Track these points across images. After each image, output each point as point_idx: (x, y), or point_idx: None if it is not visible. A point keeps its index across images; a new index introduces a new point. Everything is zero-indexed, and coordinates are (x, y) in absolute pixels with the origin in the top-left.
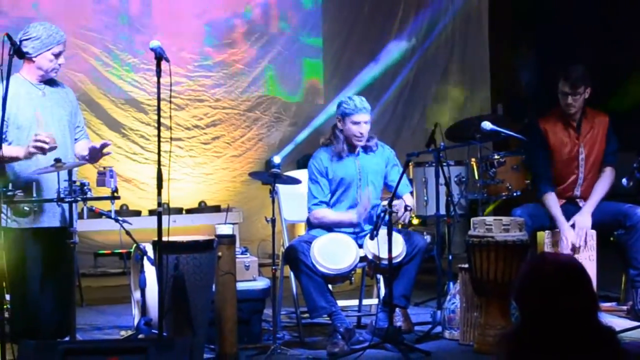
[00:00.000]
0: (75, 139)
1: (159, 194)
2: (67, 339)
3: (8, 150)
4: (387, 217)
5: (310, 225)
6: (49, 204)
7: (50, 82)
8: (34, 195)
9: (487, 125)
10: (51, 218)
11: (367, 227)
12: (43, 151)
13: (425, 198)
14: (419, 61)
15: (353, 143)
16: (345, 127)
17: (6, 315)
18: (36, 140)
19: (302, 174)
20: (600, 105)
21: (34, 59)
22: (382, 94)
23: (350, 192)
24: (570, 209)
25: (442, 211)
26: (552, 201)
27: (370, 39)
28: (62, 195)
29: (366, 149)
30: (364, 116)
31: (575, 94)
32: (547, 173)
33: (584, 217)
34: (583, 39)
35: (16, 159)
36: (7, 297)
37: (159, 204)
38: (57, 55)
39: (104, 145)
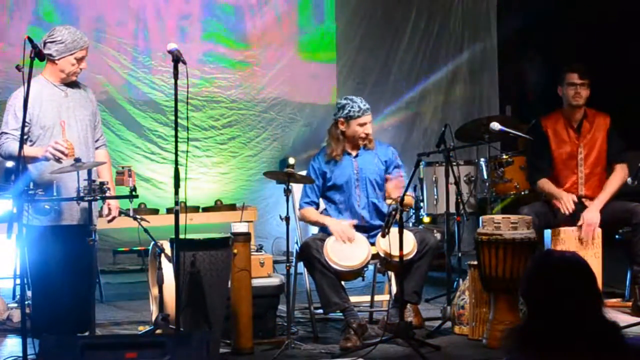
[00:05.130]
0: (96, 147)
1: (177, 192)
2: (86, 334)
3: (29, 151)
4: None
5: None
6: (69, 202)
7: (72, 83)
8: (55, 194)
9: (495, 125)
10: (71, 216)
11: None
12: (59, 160)
13: (436, 197)
14: (430, 63)
15: (357, 143)
16: (349, 130)
17: (27, 310)
18: (55, 148)
19: None
20: (603, 106)
21: (56, 61)
22: (394, 96)
23: (347, 192)
24: (577, 207)
25: (452, 209)
26: (546, 182)
27: (383, 42)
28: (81, 194)
29: (365, 148)
30: (369, 117)
31: (583, 85)
32: (542, 164)
33: (593, 214)
34: (590, 42)
35: (36, 159)
36: (29, 293)
37: (176, 203)
38: (79, 60)
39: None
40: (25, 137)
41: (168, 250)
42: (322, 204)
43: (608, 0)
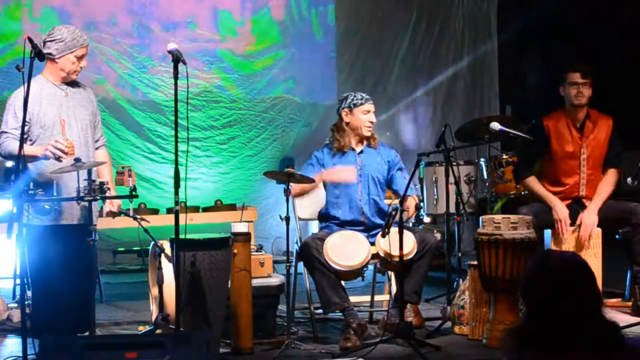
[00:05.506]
0: (96, 148)
1: (176, 192)
2: (86, 334)
3: (29, 150)
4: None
5: (322, 221)
6: (69, 202)
7: (72, 82)
8: (55, 193)
9: (495, 125)
10: (71, 216)
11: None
12: (59, 159)
13: (435, 197)
14: (430, 63)
15: (362, 134)
16: (353, 118)
17: (27, 310)
18: (55, 147)
19: None
20: (603, 106)
21: (57, 60)
22: (394, 96)
23: (348, 187)
24: (577, 208)
25: (452, 209)
26: (534, 182)
27: (384, 42)
28: (81, 194)
29: (369, 143)
30: (372, 106)
31: (585, 84)
32: (531, 163)
33: (590, 216)
34: (590, 42)
35: (35, 157)
36: (29, 293)
37: (176, 203)
38: (79, 58)
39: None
40: (25, 136)
41: (168, 250)
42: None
43: (608, 0)
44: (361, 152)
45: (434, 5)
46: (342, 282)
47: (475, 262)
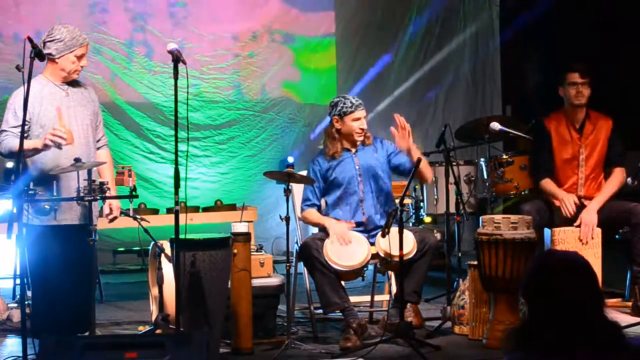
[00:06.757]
0: (97, 147)
1: (176, 192)
2: (86, 334)
3: (28, 144)
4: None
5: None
6: (69, 202)
7: (73, 82)
8: (55, 193)
9: (495, 125)
10: (71, 216)
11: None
12: (59, 145)
13: (436, 197)
14: (431, 63)
15: (354, 140)
16: (344, 126)
17: (27, 310)
18: (54, 135)
19: None
20: (603, 106)
21: (57, 60)
22: (395, 96)
23: (350, 189)
24: (577, 208)
25: (452, 209)
26: (549, 183)
27: (383, 42)
28: (81, 194)
29: (363, 144)
30: (363, 112)
31: (584, 84)
32: (547, 164)
33: (590, 214)
34: (589, 43)
35: (36, 150)
36: (29, 293)
37: (176, 203)
38: (79, 58)
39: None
40: (25, 135)
41: (168, 250)
42: (324, 203)
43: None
44: (356, 151)
45: (434, 3)
46: (342, 282)
47: (475, 262)
